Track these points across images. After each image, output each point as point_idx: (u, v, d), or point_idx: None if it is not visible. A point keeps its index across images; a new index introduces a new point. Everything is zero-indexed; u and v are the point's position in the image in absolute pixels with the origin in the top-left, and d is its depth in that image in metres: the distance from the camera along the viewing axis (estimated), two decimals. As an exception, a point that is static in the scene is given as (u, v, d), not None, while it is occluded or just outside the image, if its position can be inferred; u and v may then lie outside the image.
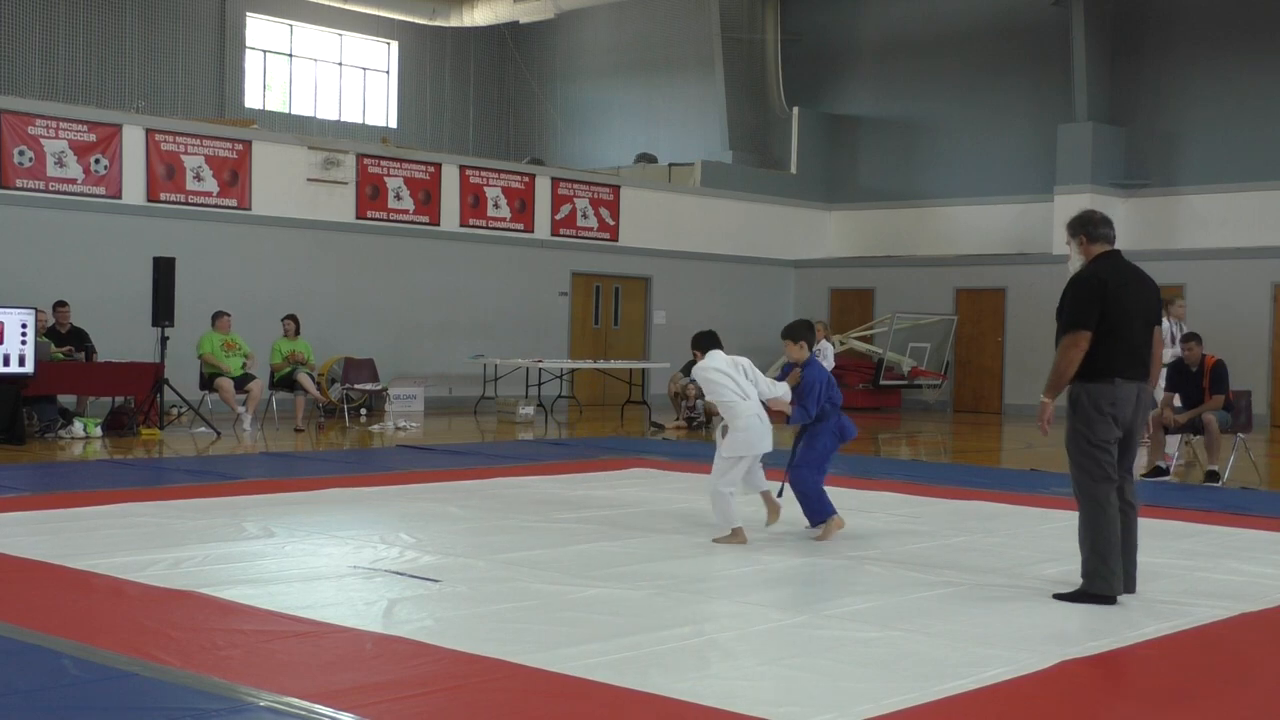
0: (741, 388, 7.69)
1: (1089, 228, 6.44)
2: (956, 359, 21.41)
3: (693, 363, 8.14)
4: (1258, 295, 18.70)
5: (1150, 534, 6.95)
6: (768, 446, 7.72)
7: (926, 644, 5.29)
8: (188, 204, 16.70)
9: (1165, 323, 12.78)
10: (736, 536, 7.63)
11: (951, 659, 5.04)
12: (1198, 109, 20.31)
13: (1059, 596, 6.24)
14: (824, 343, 15.99)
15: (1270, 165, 19.50)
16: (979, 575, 6.83)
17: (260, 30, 24.65)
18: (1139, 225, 20.12)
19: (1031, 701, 4.63)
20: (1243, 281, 17.73)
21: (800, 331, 8.04)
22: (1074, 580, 6.27)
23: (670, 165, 23.24)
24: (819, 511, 7.90)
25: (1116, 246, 6.42)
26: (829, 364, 15.79)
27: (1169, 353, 12.21)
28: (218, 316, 15.13)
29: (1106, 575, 6.13)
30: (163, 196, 16.53)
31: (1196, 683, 4.95)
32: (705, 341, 7.93)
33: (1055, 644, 5.32)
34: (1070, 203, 20.53)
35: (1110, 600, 6.11)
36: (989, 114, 22.20)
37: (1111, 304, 6.16)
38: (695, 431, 16.28)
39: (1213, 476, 11.43)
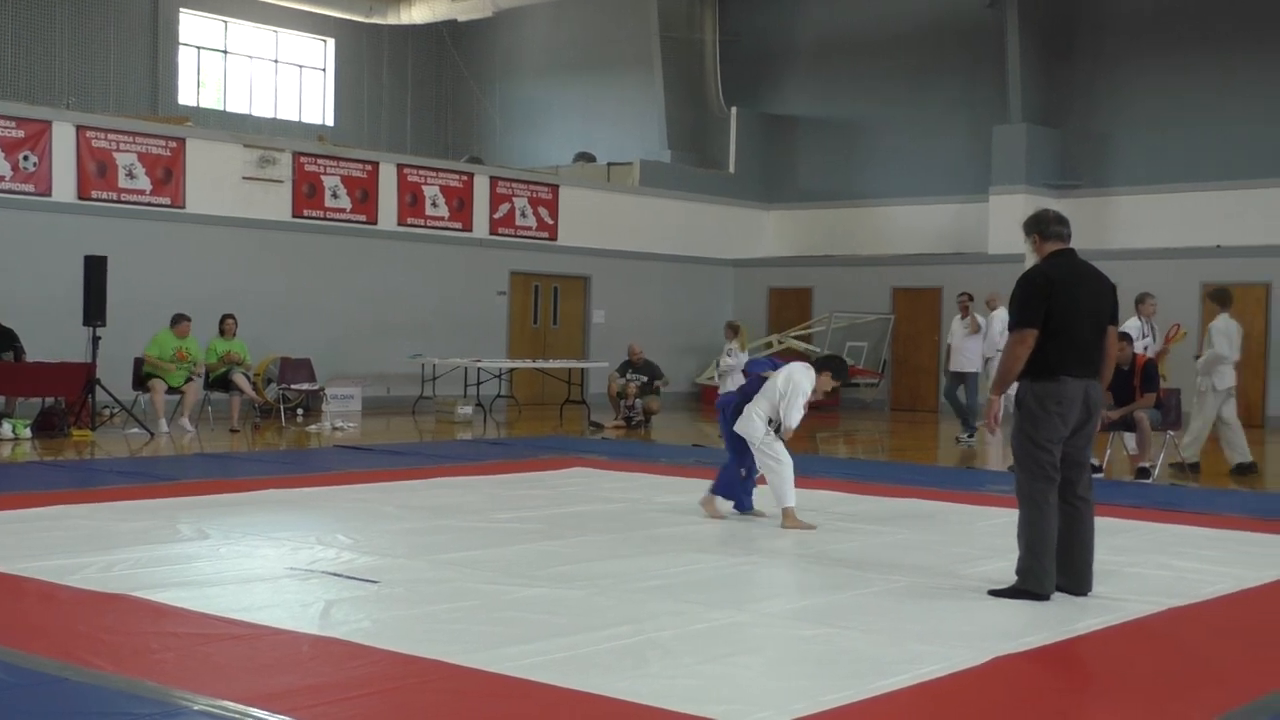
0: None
1: (1042, 226, 6.48)
2: (893, 358, 21.59)
3: (628, 363, 8.27)
4: (1187, 295, 18.99)
5: (1083, 530, 7.03)
6: None
7: (863, 641, 5.33)
8: (120, 202, 16.47)
9: (1136, 321, 13.05)
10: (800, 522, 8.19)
11: (888, 656, 5.08)
12: (1129, 111, 20.63)
13: (993, 592, 6.31)
14: (731, 343, 16.05)
15: (1199, 167, 19.85)
16: (916, 573, 6.89)
17: (194, 26, 24.36)
18: (1073, 226, 20.32)
19: (966, 697, 4.68)
20: (1172, 281, 17.99)
21: (839, 370, 8.69)
22: (1011, 577, 6.35)
23: (609, 164, 23.24)
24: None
25: (1071, 245, 6.46)
26: (738, 362, 15.85)
27: (1142, 344, 12.46)
28: (177, 320, 14.76)
29: (1039, 574, 6.18)
30: (94, 194, 16.28)
31: (1129, 677, 5.03)
32: (828, 365, 8.60)
33: (990, 640, 5.38)
34: (1005, 203, 20.80)
35: (1042, 598, 6.17)
36: (925, 115, 22.40)
37: (1058, 302, 6.19)
38: (634, 431, 16.30)
39: (1143, 473, 11.61)
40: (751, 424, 8.32)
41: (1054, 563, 6.18)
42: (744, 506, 8.76)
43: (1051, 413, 6.16)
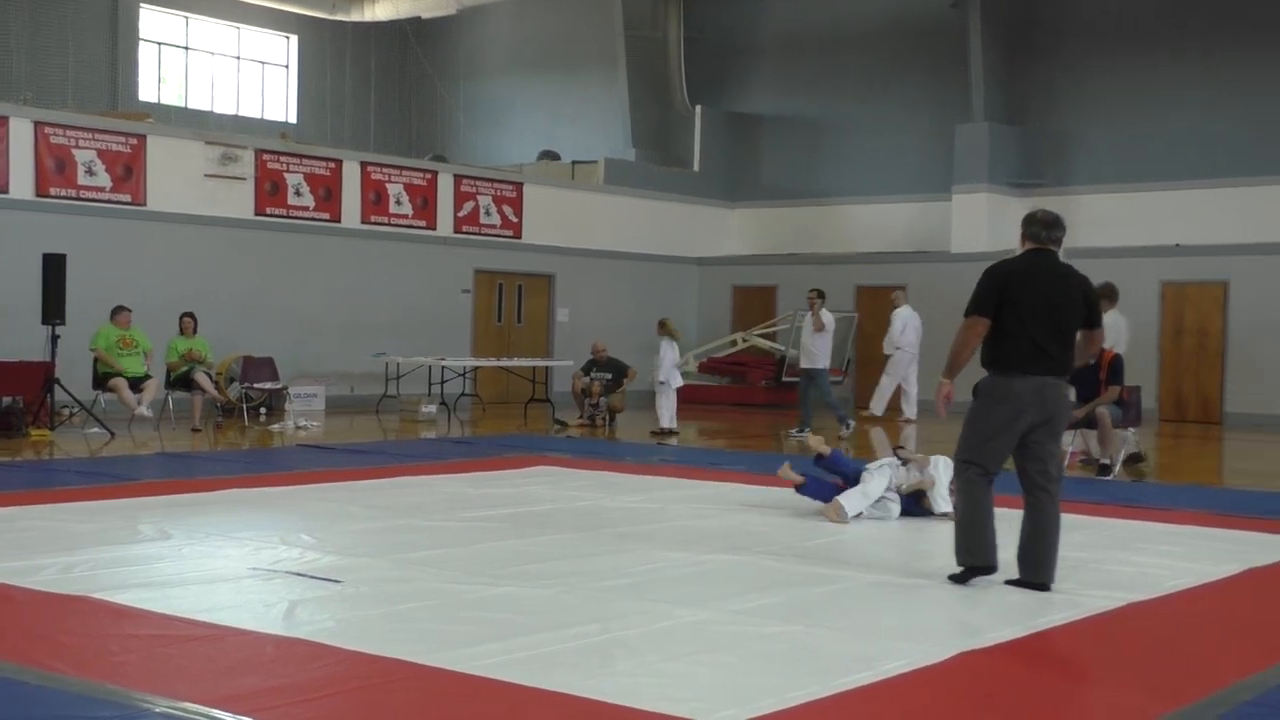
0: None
1: (1024, 225, 6.65)
2: (857, 356, 21.66)
3: (593, 361, 8.27)
4: (1147, 293, 19.18)
5: (1045, 527, 7.08)
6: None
7: (828, 638, 5.35)
8: (79, 199, 16.31)
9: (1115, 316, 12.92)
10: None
11: (852, 653, 5.10)
12: (1090, 110, 20.79)
13: (951, 578, 6.48)
14: (664, 341, 15.90)
15: (1159, 166, 20.02)
16: (882, 569, 6.93)
17: (154, 22, 24.17)
18: (1034, 224, 20.49)
19: (929, 693, 4.71)
20: (1132, 280, 18.09)
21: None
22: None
23: (573, 163, 23.22)
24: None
25: (1050, 248, 6.52)
26: (672, 358, 15.80)
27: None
28: (117, 311, 14.71)
29: (973, 548, 6.39)
30: (53, 191, 16.11)
31: (1091, 671, 5.07)
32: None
33: (953, 636, 5.42)
34: (968, 202, 20.93)
35: (987, 569, 6.37)
36: (889, 114, 22.50)
37: (1013, 298, 6.27)
38: (598, 429, 16.29)
39: (1104, 470, 11.69)
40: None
41: (988, 537, 6.37)
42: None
43: (996, 406, 6.28)
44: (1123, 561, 7.29)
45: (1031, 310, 6.27)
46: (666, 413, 15.59)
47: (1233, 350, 18.86)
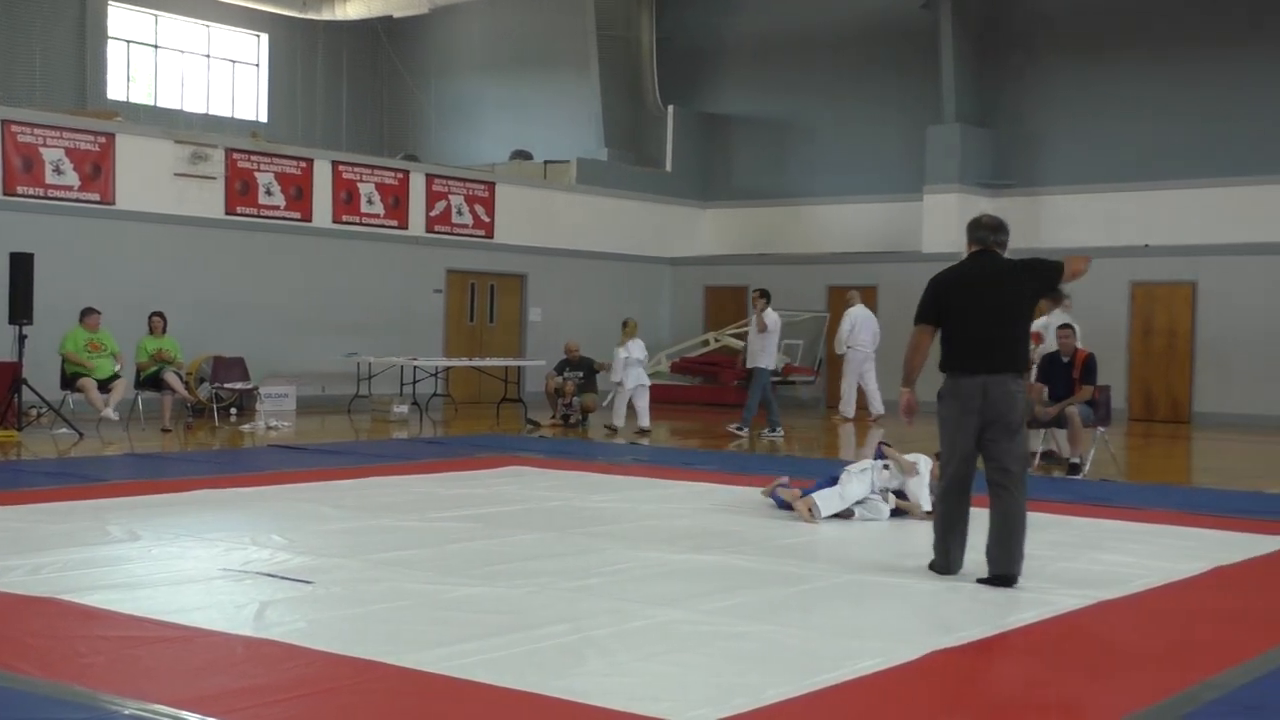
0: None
1: (968, 230, 6.90)
2: (828, 356, 21.71)
3: (566, 361, 8.27)
4: (1116, 293, 19.31)
5: (1015, 526, 7.13)
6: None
7: (801, 637, 5.37)
8: (47, 198, 16.18)
9: (1061, 316, 12.89)
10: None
11: (825, 652, 5.12)
12: (1061, 112, 20.91)
13: (930, 566, 6.79)
14: (630, 342, 15.97)
15: (1128, 167, 20.16)
16: (852, 568, 6.95)
17: (123, 20, 24.00)
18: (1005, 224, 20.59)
19: (901, 691, 4.73)
20: (1102, 280, 18.20)
21: None
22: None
23: (545, 163, 23.19)
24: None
25: (992, 248, 6.74)
26: (638, 356, 15.90)
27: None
28: (86, 314, 14.59)
29: (937, 549, 6.71)
30: (20, 190, 15.97)
31: (1060, 669, 5.10)
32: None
33: (925, 635, 5.44)
34: (939, 202, 21.01)
35: (942, 572, 6.64)
36: (860, 114, 22.57)
37: (953, 303, 6.62)
38: (571, 429, 16.27)
39: (1074, 469, 11.75)
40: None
41: (954, 541, 6.64)
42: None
43: (946, 406, 6.61)
44: (1092, 560, 7.33)
45: (966, 312, 6.57)
46: (620, 412, 15.85)
47: (1201, 350, 19.00)
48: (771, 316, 15.61)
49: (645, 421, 15.91)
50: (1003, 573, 6.46)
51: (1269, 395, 18.36)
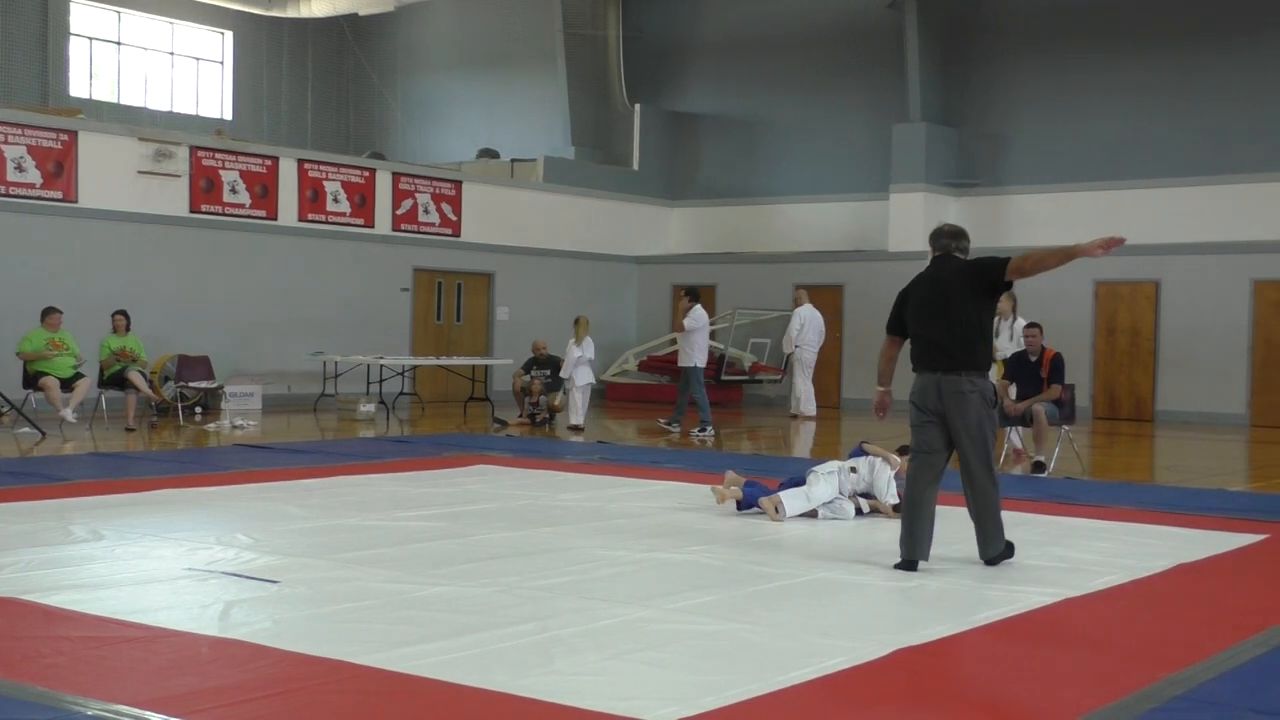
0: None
1: (929, 239, 7.26)
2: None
3: (534, 360, 8.27)
4: (1080, 293, 19.46)
5: (981, 523, 7.18)
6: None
7: (768, 636, 5.38)
8: (9, 195, 16.03)
9: (1018, 322, 12.95)
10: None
11: (792, 650, 5.13)
12: (1025, 111, 21.04)
13: (896, 565, 6.93)
14: (586, 340, 16.02)
15: (1092, 167, 20.31)
16: (820, 566, 6.97)
17: (85, 16, 23.80)
18: (970, 224, 20.64)
19: (867, 689, 4.74)
20: (1066, 279, 18.35)
21: None
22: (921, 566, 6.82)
23: (513, 161, 23.16)
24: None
25: (948, 252, 7.11)
26: (589, 355, 15.93)
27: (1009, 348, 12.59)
28: (48, 313, 14.48)
29: (904, 541, 6.92)
30: (-18, 187, 15.84)
31: (1025, 665, 5.13)
32: None
33: (893, 633, 5.46)
34: (905, 201, 21.10)
35: (906, 564, 6.84)
36: (827, 114, 22.64)
37: (906, 309, 7.11)
38: (538, 428, 16.25)
39: (1039, 467, 11.82)
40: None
41: (920, 528, 6.87)
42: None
43: (912, 403, 7.07)
44: (1057, 558, 7.38)
45: (917, 316, 7.04)
46: (580, 410, 16.03)
47: (1164, 349, 19.17)
48: (696, 315, 15.60)
49: (580, 418, 16.01)
50: (984, 556, 6.99)
51: (1231, 394, 18.55)
